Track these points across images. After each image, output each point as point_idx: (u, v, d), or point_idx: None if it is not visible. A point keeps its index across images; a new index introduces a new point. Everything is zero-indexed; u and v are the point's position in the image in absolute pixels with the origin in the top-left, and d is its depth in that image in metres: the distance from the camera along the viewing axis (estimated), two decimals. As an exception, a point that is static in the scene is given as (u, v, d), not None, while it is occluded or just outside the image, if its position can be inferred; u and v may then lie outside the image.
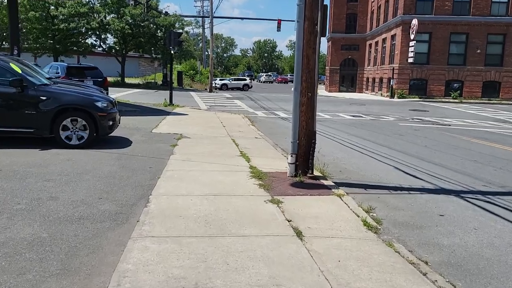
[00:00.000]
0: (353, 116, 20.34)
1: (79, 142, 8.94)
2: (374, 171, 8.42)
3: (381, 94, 42.01)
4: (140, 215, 5.01)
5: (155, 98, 24.03)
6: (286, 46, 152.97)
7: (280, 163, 8.40)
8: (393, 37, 39.73)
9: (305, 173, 7.11)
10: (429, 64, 37.08)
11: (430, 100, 35.78)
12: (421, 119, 20.04)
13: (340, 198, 6.12)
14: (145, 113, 16.81)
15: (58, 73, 17.10)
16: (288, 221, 5.03)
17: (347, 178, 7.79)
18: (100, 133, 9.19)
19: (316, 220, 5.14)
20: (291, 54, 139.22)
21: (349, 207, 5.72)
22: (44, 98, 8.69)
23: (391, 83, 37.46)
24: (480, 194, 7.02)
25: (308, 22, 6.89)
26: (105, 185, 6.23)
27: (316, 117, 7.39)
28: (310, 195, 6.23)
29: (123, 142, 9.91)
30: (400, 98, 36.36)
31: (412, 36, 35.02)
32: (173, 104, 20.58)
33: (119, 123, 10.30)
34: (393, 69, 37.42)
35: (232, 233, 4.59)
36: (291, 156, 7.16)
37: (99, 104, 9.16)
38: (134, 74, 59.24)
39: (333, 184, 6.87)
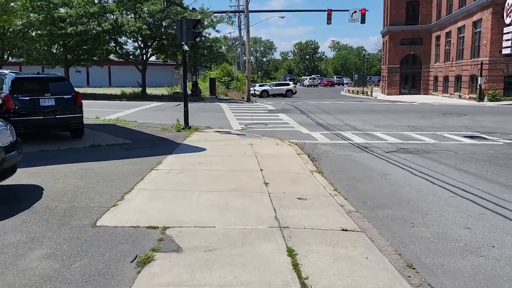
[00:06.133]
0: (471, 137, 12.79)
1: None
2: None
3: (460, 96, 33.63)
4: None
5: (171, 116, 17.34)
6: (329, 46, 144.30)
7: None
8: (475, 23, 31.40)
9: None
10: (530, 55, 28.46)
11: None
12: None
13: None
14: (135, 149, 10.05)
15: (2, 88, 10.67)
16: None
17: None
18: None
19: None
20: (334, 55, 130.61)
21: None
22: None
23: (479, 82, 29.12)
24: None
25: None
26: None
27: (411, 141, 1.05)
28: None
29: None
30: (492, 100, 28.01)
31: (508, 20, 26.72)
32: (189, 128, 13.81)
33: None
34: (481, 64, 29.05)
35: None
36: None
37: None
38: (166, 83, 53.27)
39: None
